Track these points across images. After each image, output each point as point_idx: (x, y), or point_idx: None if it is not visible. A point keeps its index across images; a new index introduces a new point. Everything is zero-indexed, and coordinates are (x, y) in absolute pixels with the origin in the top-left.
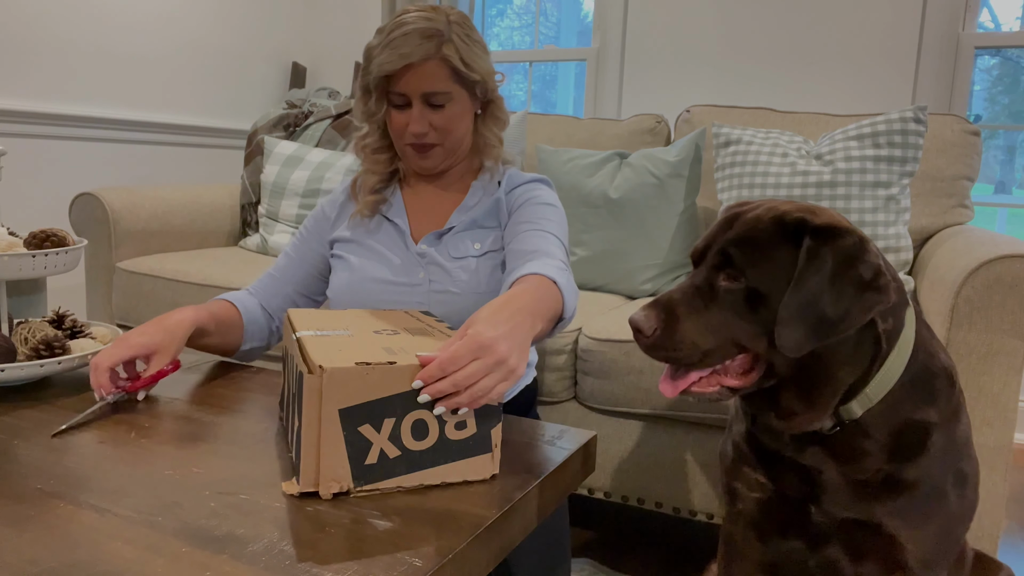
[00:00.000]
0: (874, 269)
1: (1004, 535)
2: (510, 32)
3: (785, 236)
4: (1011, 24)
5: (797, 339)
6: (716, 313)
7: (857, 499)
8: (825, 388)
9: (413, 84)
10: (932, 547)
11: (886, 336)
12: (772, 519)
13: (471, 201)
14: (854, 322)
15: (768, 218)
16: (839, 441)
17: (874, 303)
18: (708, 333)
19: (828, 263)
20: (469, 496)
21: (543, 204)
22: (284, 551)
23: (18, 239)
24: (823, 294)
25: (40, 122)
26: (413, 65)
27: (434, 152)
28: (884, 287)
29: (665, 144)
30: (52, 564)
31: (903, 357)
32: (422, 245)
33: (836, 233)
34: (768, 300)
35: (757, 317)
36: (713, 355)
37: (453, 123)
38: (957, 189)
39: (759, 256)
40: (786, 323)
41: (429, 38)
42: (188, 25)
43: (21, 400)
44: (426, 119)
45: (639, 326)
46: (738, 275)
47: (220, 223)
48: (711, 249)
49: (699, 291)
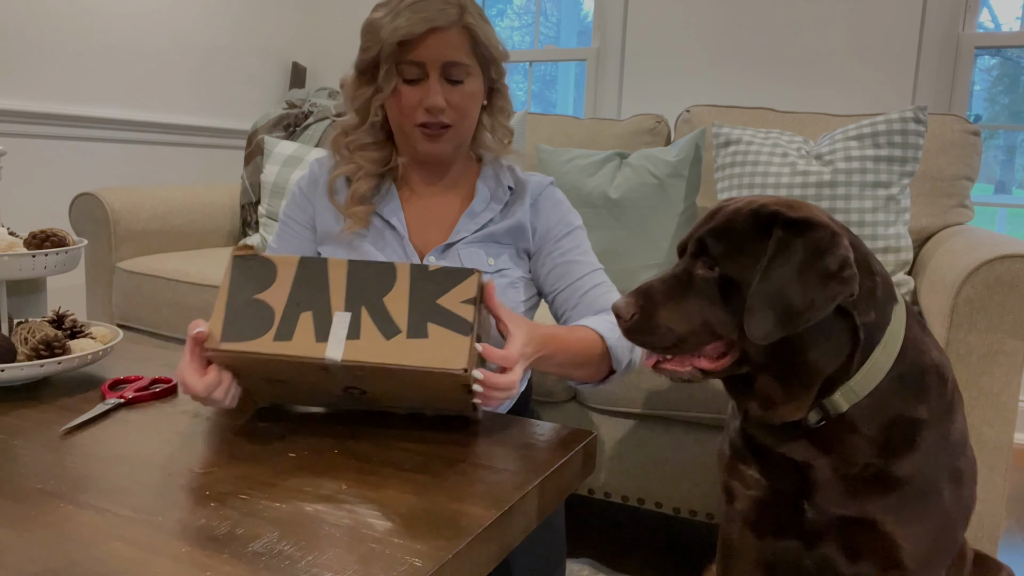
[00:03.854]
0: (840, 260)
1: (1004, 535)
2: (510, 32)
3: (759, 227)
4: (1011, 24)
5: (765, 327)
6: (692, 300)
7: (849, 495)
8: (801, 377)
9: (435, 51)
10: (929, 546)
11: (865, 329)
12: (767, 517)
13: (479, 206)
14: (818, 311)
15: (747, 211)
16: (827, 435)
17: (837, 293)
18: (682, 319)
19: (797, 254)
20: (469, 496)
21: (576, 229)
22: (284, 551)
23: (18, 239)
24: (790, 283)
25: (40, 122)
26: (437, 30)
27: (447, 135)
28: (849, 278)
29: (665, 144)
30: (52, 564)
31: (891, 352)
32: (430, 258)
33: (809, 226)
34: (740, 288)
35: (729, 305)
36: (687, 341)
37: (470, 103)
38: (957, 189)
39: (733, 246)
40: (754, 311)
41: (451, 4)
42: (188, 25)
43: (21, 400)
44: (443, 95)
45: (618, 311)
46: (713, 264)
47: (220, 223)
48: (691, 239)
49: (678, 279)
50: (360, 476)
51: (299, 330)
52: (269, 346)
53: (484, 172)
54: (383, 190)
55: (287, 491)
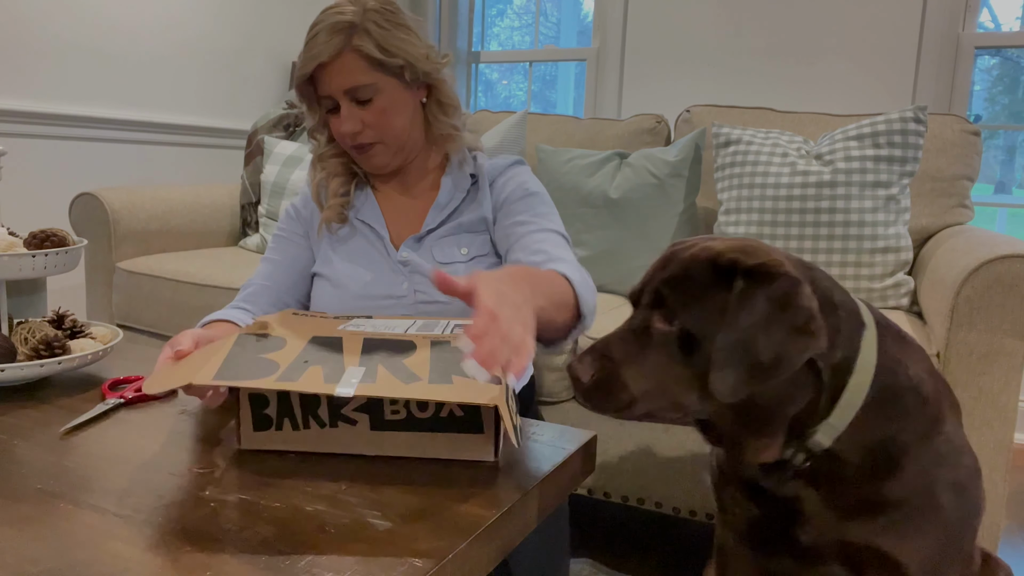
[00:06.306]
0: (807, 314)
1: (1004, 535)
2: (510, 32)
3: (718, 277)
4: (1011, 24)
5: (731, 384)
6: (652, 356)
7: (843, 522)
8: (765, 421)
9: (333, 83)
10: (935, 557)
11: (832, 370)
12: (760, 535)
13: (444, 198)
14: (789, 366)
15: (703, 258)
16: (815, 471)
17: (806, 348)
18: (643, 378)
19: (760, 306)
20: (469, 496)
21: (531, 195)
22: (284, 551)
23: (18, 239)
24: (756, 339)
25: (40, 122)
26: (325, 64)
27: (376, 150)
28: (817, 331)
29: (665, 144)
30: (52, 564)
31: (864, 382)
32: (403, 251)
33: (768, 276)
34: (701, 344)
35: (691, 361)
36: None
37: (387, 117)
38: (957, 189)
39: (691, 297)
40: (720, 367)
41: (338, 32)
42: (188, 25)
43: (21, 400)
44: (357, 117)
45: (576, 375)
46: (671, 317)
47: (220, 223)
48: (646, 289)
49: (636, 334)
50: (360, 476)
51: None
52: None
53: (451, 165)
54: (360, 195)
55: (287, 491)
